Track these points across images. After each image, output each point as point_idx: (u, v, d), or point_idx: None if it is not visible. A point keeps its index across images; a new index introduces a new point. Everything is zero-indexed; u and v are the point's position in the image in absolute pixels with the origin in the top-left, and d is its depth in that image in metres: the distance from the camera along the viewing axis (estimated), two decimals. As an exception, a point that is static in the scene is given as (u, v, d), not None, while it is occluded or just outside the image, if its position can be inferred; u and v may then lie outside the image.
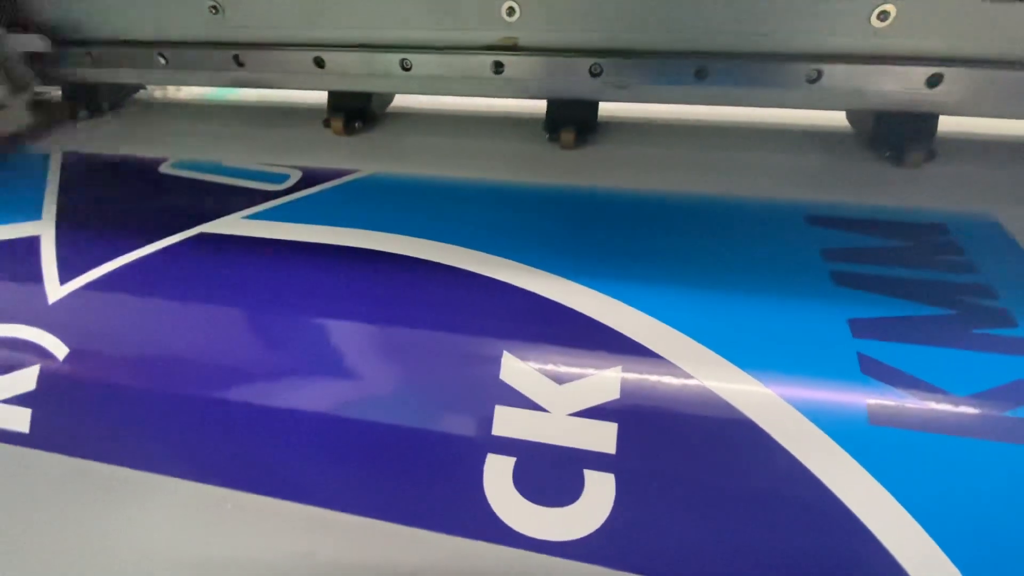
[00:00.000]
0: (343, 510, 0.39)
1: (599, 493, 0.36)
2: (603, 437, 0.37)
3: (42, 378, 0.45)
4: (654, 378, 0.37)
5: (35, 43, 0.63)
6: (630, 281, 0.43)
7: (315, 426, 0.41)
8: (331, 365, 0.42)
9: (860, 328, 0.38)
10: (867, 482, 0.33)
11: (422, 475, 0.39)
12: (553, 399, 0.38)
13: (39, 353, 0.46)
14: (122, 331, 0.46)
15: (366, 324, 0.43)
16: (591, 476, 0.36)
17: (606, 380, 0.38)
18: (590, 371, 0.38)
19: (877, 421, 0.35)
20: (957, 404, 0.35)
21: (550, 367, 0.39)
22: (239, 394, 0.42)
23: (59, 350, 0.46)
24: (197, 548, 0.41)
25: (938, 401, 0.35)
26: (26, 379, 0.45)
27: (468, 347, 0.41)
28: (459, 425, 0.39)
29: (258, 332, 0.44)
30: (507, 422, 0.38)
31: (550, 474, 0.37)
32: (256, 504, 0.41)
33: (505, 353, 0.40)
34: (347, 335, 0.42)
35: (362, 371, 0.41)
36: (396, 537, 0.38)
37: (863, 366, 0.36)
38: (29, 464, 0.45)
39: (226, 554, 0.41)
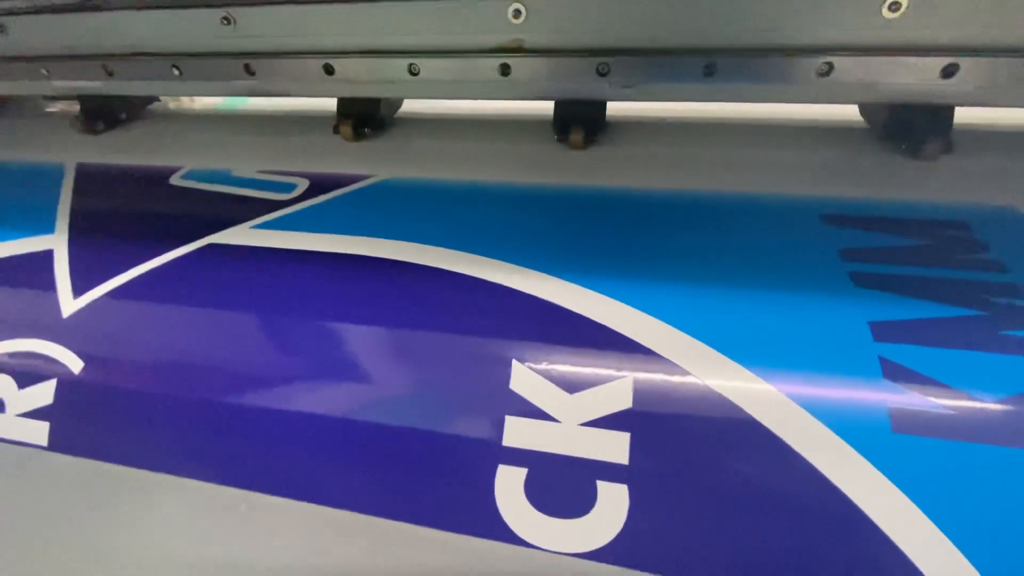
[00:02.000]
0: (352, 511, 0.39)
1: (612, 504, 0.35)
2: (616, 447, 0.36)
3: (59, 391, 0.46)
4: (668, 386, 0.37)
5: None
6: (643, 285, 0.42)
7: (322, 433, 0.41)
8: (339, 377, 0.42)
9: (882, 331, 0.37)
10: (891, 493, 0.32)
11: (433, 487, 0.38)
12: (564, 408, 0.37)
13: (55, 367, 0.47)
14: (135, 342, 0.46)
15: (374, 334, 0.42)
16: (604, 487, 0.36)
17: (618, 389, 0.37)
18: (602, 380, 0.38)
19: (901, 429, 0.33)
20: (986, 410, 0.33)
21: (561, 376, 0.38)
22: (255, 400, 0.42)
23: (75, 364, 0.46)
24: (220, 547, 0.41)
25: (965, 407, 0.33)
26: (44, 393, 0.46)
27: (477, 356, 0.40)
28: (469, 436, 0.38)
29: (267, 341, 0.44)
30: (518, 432, 0.37)
31: (562, 485, 0.36)
32: (273, 505, 0.41)
33: (514, 362, 0.39)
34: (355, 345, 0.42)
35: (370, 382, 0.41)
36: (408, 546, 0.38)
37: (885, 371, 0.35)
38: (49, 472, 0.46)
39: (244, 553, 0.41)
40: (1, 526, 0.46)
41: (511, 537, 0.36)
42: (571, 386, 0.38)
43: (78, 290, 0.49)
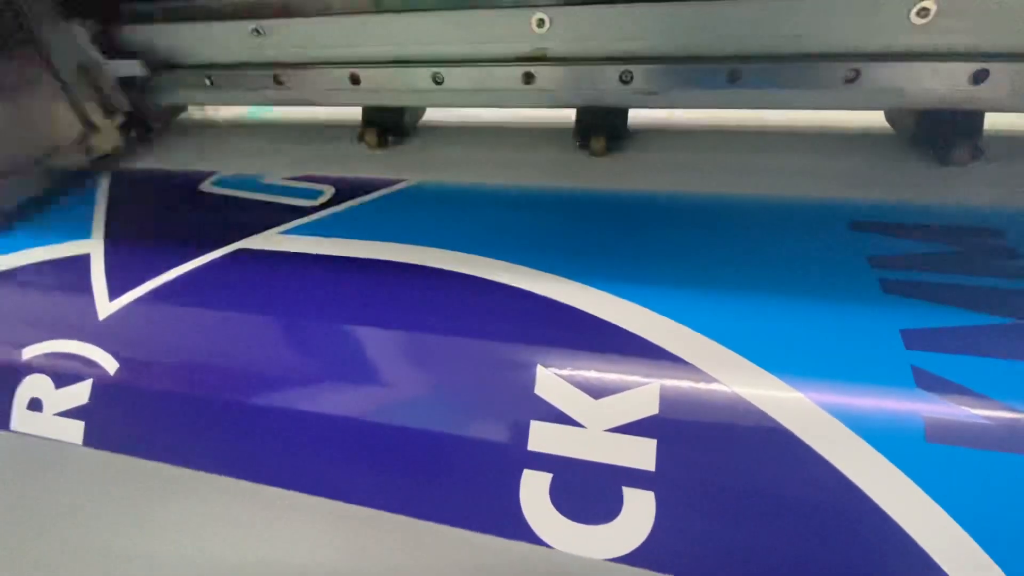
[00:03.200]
0: (381, 510, 0.40)
1: (638, 511, 0.35)
2: (642, 453, 0.36)
3: (95, 391, 0.47)
4: (695, 393, 0.36)
5: (132, 68, 0.65)
6: (670, 291, 0.42)
7: (352, 435, 0.41)
8: (367, 380, 0.42)
9: (914, 339, 0.36)
10: (925, 504, 0.32)
11: (458, 491, 0.38)
12: (589, 414, 0.37)
13: (91, 368, 0.48)
14: (168, 344, 0.47)
15: (400, 338, 0.43)
16: (630, 494, 0.36)
17: (645, 395, 0.37)
18: (628, 385, 0.37)
19: (935, 439, 0.33)
20: (1022, 421, 0.32)
21: (586, 381, 0.38)
22: (284, 402, 0.43)
23: (110, 364, 0.48)
24: (252, 544, 0.42)
25: (1001, 417, 0.33)
26: (80, 393, 0.47)
27: (502, 361, 0.40)
28: (494, 440, 0.38)
29: (297, 344, 0.45)
30: (543, 437, 0.37)
31: (587, 491, 0.36)
32: (305, 503, 0.42)
33: (539, 367, 0.39)
34: (382, 349, 0.43)
35: (397, 386, 0.42)
36: (431, 550, 0.38)
37: (918, 379, 0.34)
38: (83, 468, 0.47)
39: (275, 549, 0.41)
40: (36, 520, 0.47)
41: (537, 542, 0.36)
42: (596, 391, 0.38)
43: (114, 293, 0.50)
